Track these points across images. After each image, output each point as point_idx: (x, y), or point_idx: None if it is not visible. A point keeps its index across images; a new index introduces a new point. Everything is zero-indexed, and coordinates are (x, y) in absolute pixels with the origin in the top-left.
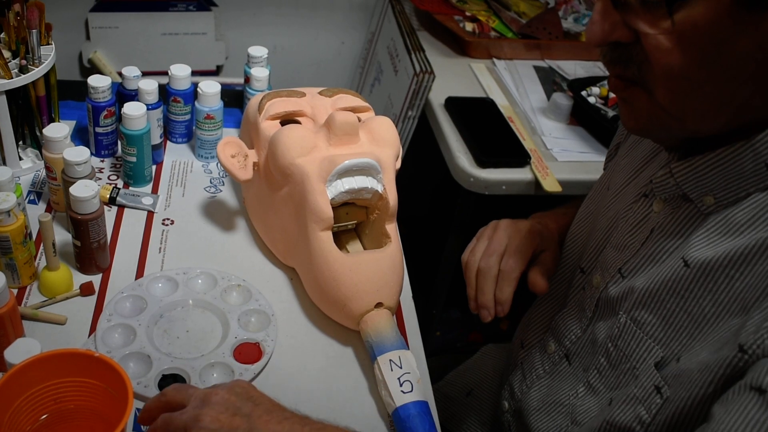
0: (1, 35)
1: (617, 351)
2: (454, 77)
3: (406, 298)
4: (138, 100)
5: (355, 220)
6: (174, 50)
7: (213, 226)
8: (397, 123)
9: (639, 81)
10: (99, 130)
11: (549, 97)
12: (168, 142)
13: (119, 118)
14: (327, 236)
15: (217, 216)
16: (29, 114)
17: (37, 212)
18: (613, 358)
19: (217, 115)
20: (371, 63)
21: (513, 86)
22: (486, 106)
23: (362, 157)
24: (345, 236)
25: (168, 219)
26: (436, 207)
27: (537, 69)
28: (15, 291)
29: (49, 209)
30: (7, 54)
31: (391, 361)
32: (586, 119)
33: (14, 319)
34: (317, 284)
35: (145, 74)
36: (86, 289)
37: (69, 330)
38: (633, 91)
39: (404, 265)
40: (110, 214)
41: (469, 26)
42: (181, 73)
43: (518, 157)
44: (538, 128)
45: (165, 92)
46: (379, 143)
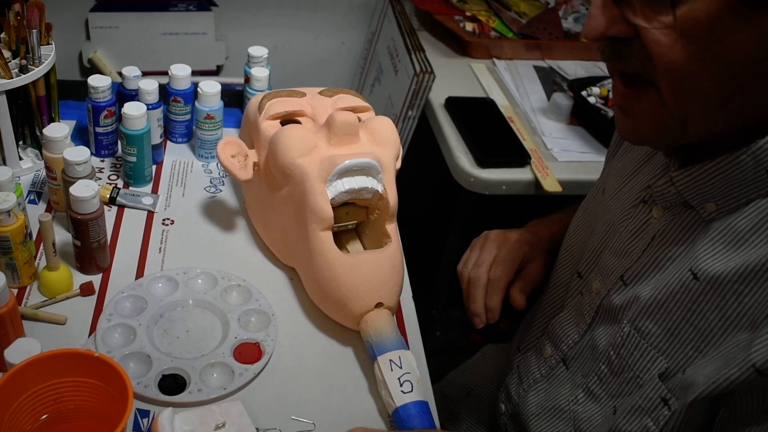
0: (2, 35)
1: (620, 359)
2: (454, 77)
3: (406, 298)
4: (138, 100)
5: (356, 220)
6: (174, 50)
7: (213, 226)
8: (398, 123)
9: (645, 77)
10: (99, 130)
11: (549, 97)
12: (168, 142)
13: (119, 118)
14: (327, 236)
15: (217, 216)
16: (29, 114)
17: (37, 212)
18: (615, 366)
19: (217, 115)
20: (371, 63)
21: (513, 86)
22: (486, 106)
23: (362, 157)
24: (345, 236)
25: (168, 219)
26: (437, 207)
27: (537, 69)
28: (15, 291)
29: (49, 209)
30: (7, 54)
31: (391, 361)
32: (587, 119)
33: (14, 319)
34: (317, 284)
35: (145, 74)
36: (86, 289)
37: (69, 330)
38: (642, 101)
39: (404, 265)
40: (110, 214)
41: (469, 26)
42: (181, 73)
43: (518, 157)
44: (539, 128)
45: (165, 92)
46: (379, 143)
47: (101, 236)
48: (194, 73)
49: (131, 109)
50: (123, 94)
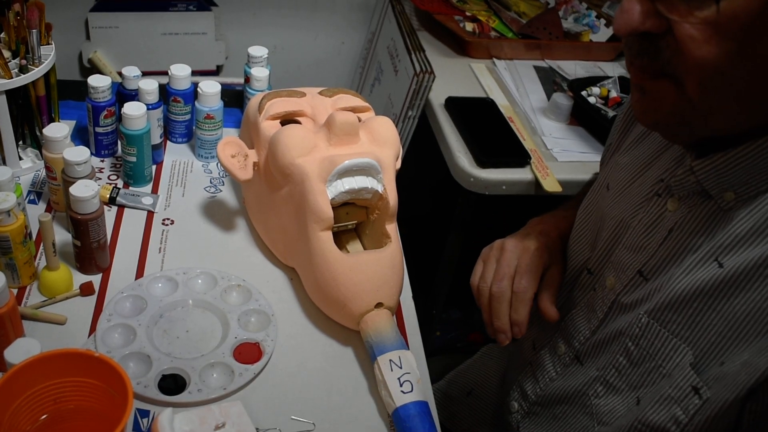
0: (1, 35)
1: (639, 350)
2: (454, 77)
3: (406, 298)
4: (138, 100)
5: (355, 220)
6: (174, 50)
7: (213, 226)
8: (397, 123)
9: (668, 73)
10: (99, 130)
11: (549, 97)
12: (168, 142)
13: (119, 118)
14: (327, 236)
15: (217, 216)
16: (29, 114)
17: (37, 212)
18: (634, 357)
19: (217, 115)
20: (371, 63)
21: (513, 86)
22: (486, 106)
23: (362, 157)
24: (345, 236)
25: (168, 219)
26: (437, 207)
27: (537, 69)
28: (15, 291)
29: (49, 209)
30: (7, 54)
31: (391, 361)
32: (587, 119)
33: (14, 319)
34: (317, 284)
35: (145, 74)
36: (86, 289)
37: (69, 330)
38: (659, 83)
39: (404, 265)
40: (110, 214)
41: (469, 26)
42: (181, 73)
43: (518, 157)
44: (539, 128)
45: (165, 92)
46: (379, 143)
47: (101, 236)
48: (194, 73)
49: (131, 109)
50: (123, 94)
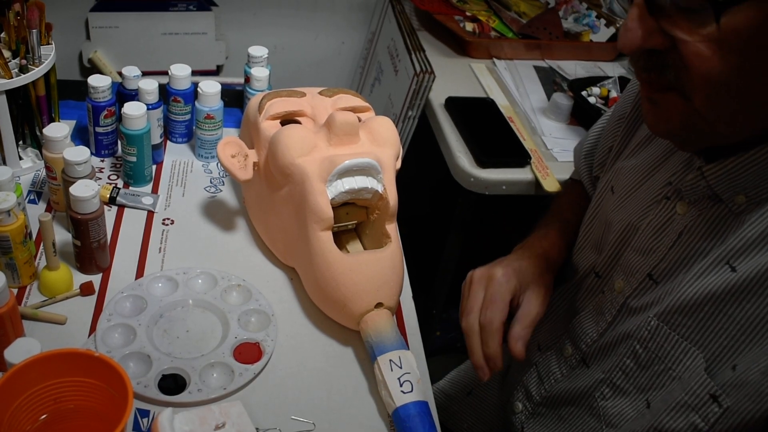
0: (2, 35)
1: (647, 352)
2: (454, 77)
3: (406, 298)
4: (138, 100)
5: (356, 220)
6: (174, 50)
7: (213, 226)
8: (398, 123)
9: (676, 87)
10: (99, 129)
11: (549, 97)
12: (168, 141)
13: (119, 117)
14: (327, 236)
15: (217, 216)
16: (29, 114)
17: (37, 212)
18: (642, 360)
19: (217, 114)
20: (371, 63)
21: (513, 86)
22: (486, 106)
23: (362, 157)
24: (345, 236)
25: (168, 219)
26: (437, 207)
27: (537, 69)
28: (15, 291)
29: (49, 209)
30: (7, 54)
31: (391, 361)
32: (587, 119)
33: (14, 318)
34: (317, 284)
35: (145, 74)
36: (86, 289)
37: (69, 330)
38: (668, 96)
39: (404, 265)
40: (110, 214)
41: (469, 26)
42: (181, 73)
43: (518, 157)
44: (539, 128)
45: (165, 92)
46: (379, 143)
47: (101, 236)
48: (194, 73)
49: (131, 109)
50: (123, 94)
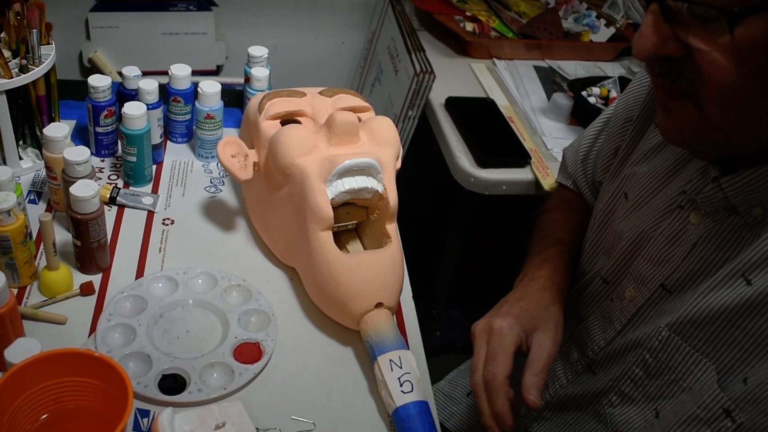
0: (2, 35)
1: (657, 362)
2: (454, 77)
3: (406, 298)
4: (138, 100)
5: (356, 220)
6: (174, 50)
7: (213, 226)
8: (398, 123)
9: (690, 94)
10: (99, 129)
11: (549, 97)
12: (168, 141)
13: (119, 117)
14: (327, 236)
15: (217, 216)
16: (29, 114)
17: (37, 212)
18: (652, 369)
19: (217, 114)
20: (371, 63)
21: (513, 86)
22: (486, 106)
23: (362, 157)
24: (345, 236)
25: (168, 219)
26: (437, 207)
27: (537, 69)
28: (15, 291)
29: (49, 209)
30: (7, 53)
31: (391, 361)
32: (587, 119)
33: (14, 318)
34: (317, 284)
35: (146, 74)
36: (86, 289)
37: (69, 330)
38: (682, 103)
39: (404, 265)
40: (110, 213)
41: (469, 26)
42: (181, 73)
43: (518, 157)
44: (539, 128)
45: (165, 92)
46: (379, 143)
47: (101, 236)
48: (194, 73)
49: (131, 108)
50: (123, 93)
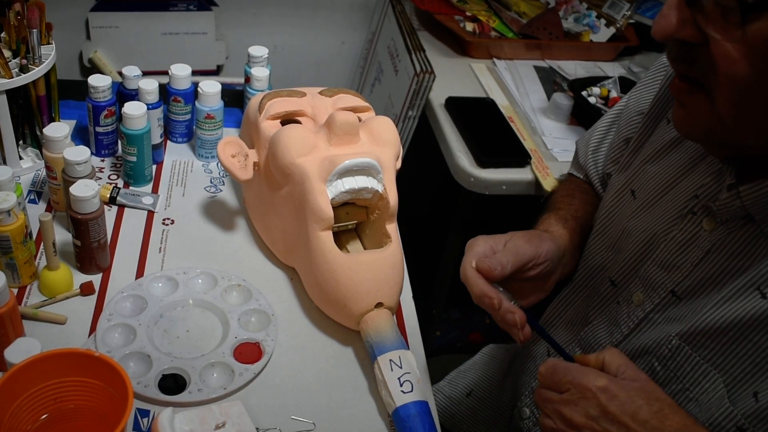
0: (2, 35)
1: (666, 371)
2: (454, 77)
3: (406, 298)
4: (138, 100)
5: (356, 220)
6: (174, 50)
7: (213, 226)
8: (398, 123)
9: (703, 85)
10: (99, 129)
11: (549, 97)
12: (168, 141)
13: (119, 117)
14: (327, 236)
15: (217, 216)
16: (29, 113)
17: (37, 212)
18: (660, 377)
19: (217, 114)
20: (371, 63)
21: (513, 86)
22: (486, 106)
23: (362, 157)
24: (345, 236)
25: (168, 219)
26: (437, 207)
27: (537, 69)
28: (15, 290)
29: (49, 209)
30: (7, 53)
31: (391, 361)
32: (587, 119)
33: (14, 318)
34: (317, 284)
35: (146, 74)
36: (86, 289)
37: (69, 330)
38: (695, 97)
39: (404, 265)
40: (110, 213)
41: (469, 26)
42: (181, 73)
43: (519, 157)
44: (539, 128)
45: (165, 92)
46: (379, 143)
47: (101, 236)
48: (194, 73)
49: (131, 108)
50: (123, 93)
